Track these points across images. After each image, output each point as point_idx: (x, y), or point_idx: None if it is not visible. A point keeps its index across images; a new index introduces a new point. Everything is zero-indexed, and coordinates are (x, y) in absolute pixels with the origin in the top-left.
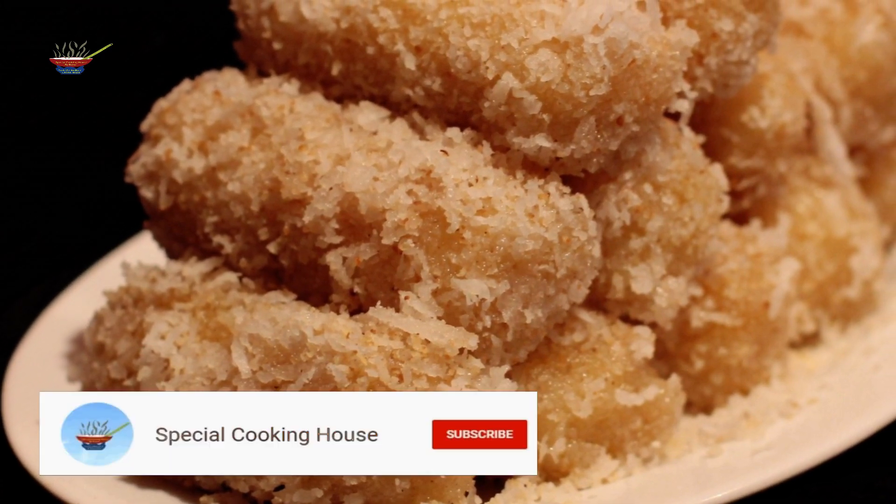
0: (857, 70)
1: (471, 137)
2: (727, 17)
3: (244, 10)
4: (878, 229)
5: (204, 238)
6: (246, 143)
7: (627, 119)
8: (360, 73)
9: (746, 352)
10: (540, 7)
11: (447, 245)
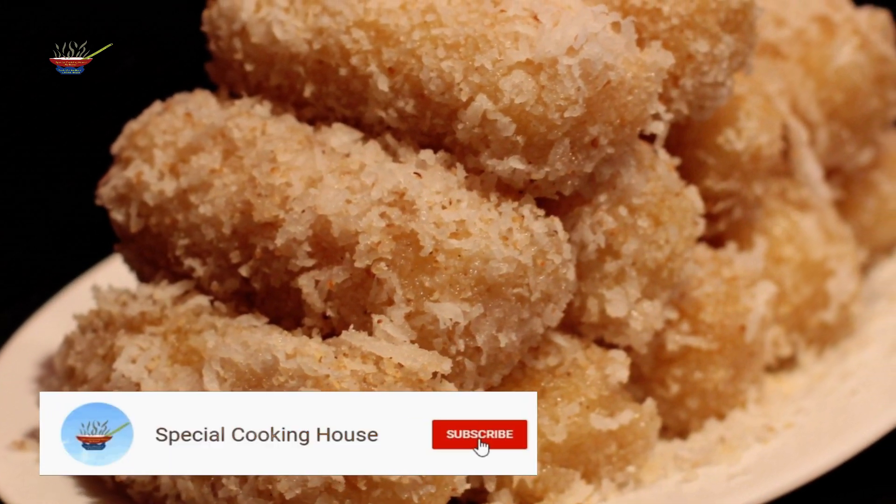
0: (833, 92)
1: (444, 160)
2: (703, 39)
3: (215, 32)
4: (855, 252)
5: (175, 261)
6: (217, 165)
7: (602, 141)
8: (333, 94)
9: (722, 376)
10: (514, 28)
11: (420, 268)
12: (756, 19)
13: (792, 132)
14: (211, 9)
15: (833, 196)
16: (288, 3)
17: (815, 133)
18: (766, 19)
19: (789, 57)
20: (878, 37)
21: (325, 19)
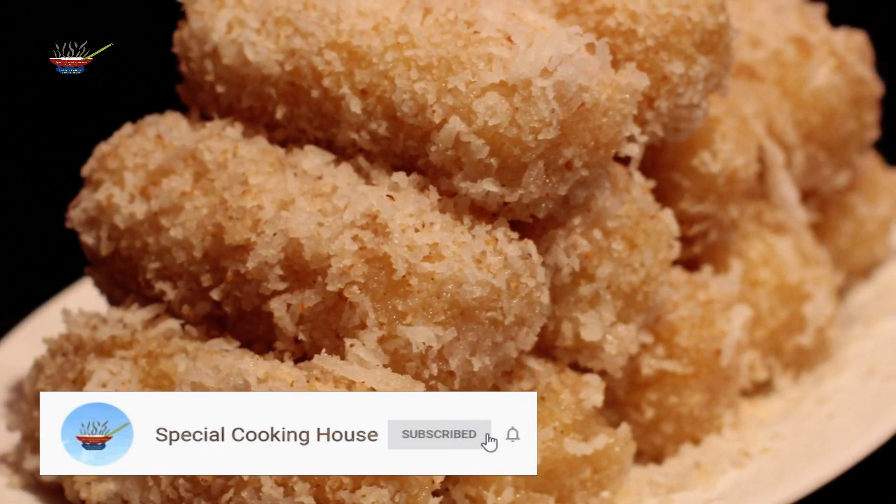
0: (810, 113)
1: (417, 182)
2: (678, 60)
3: (186, 53)
4: (831, 276)
5: (146, 284)
6: (188, 187)
7: (577, 163)
8: (305, 116)
9: (698, 400)
10: (487, 49)
11: (393, 292)
12: (732, 40)
13: (768, 154)
14: (182, 30)
15: (809, 219)
16: (259, 25)
17: (791, 155)
18: (741, 40)
19: (765, 78)
20: (855, 58)
21: (297, 41)
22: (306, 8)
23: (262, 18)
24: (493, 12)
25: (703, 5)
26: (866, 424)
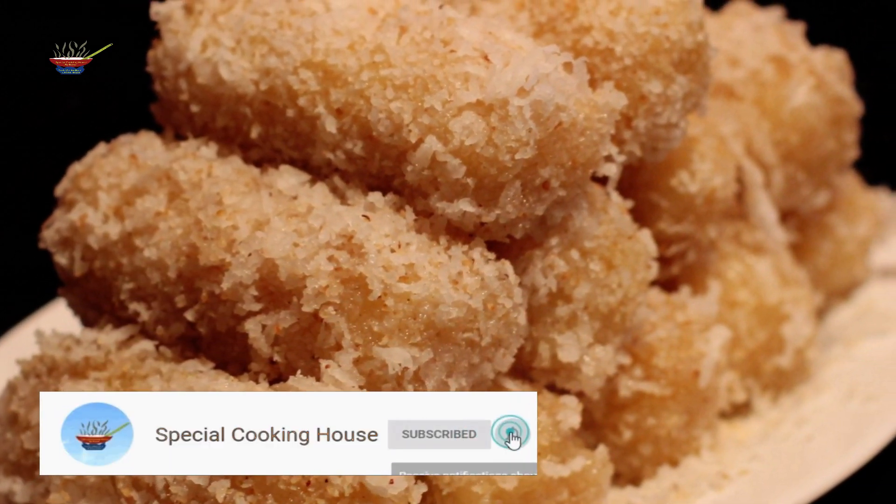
0: (789, 133)
1: (393, 202)
2: (656, 79)
3: (161, 72)
4: (810, 296)
5: (120, 305)
6: (163, 207)
7: (554, 183)
8: (280, 136)
9: (676, 422)
10: (464, 69)
11: (369, 312)
12: (710, 59)
13: (747, 174)
14: (156, 49)
15: (788, 239)
16: (234, 44)
17: (770, 175)
18: (720, 59)
19: (744, 98)
20: (835, 77)
21: (272, 60)
22: (281, 27)
23: (237, 37)
24: (469, 31)
25: (682, 24)
26: (846, 446)
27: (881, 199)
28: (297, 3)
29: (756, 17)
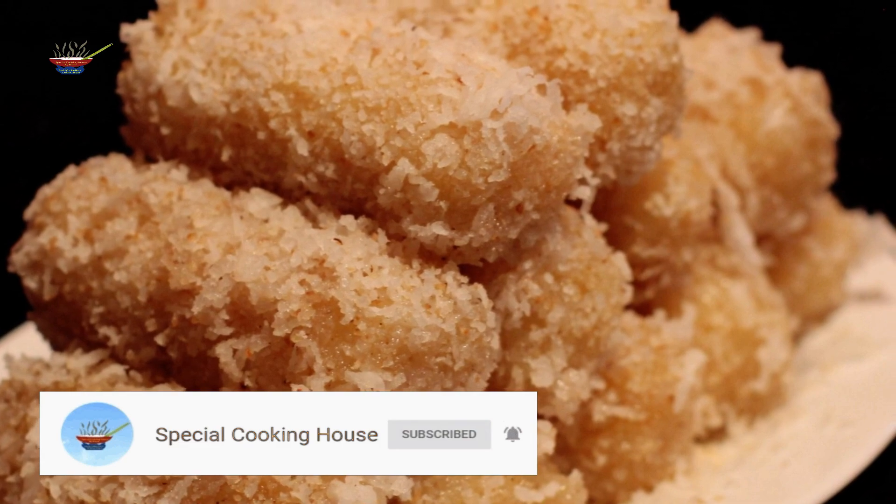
0: (764, 156)
1: (365, 225)
2: (630, 102)
3: (131, 94)
4: (786, 320)
5: (90, 329)
6: (133, 231)
7: (527, 206)
8: (251, 158)
9: (650, 447)
10: (437, 91)
11: (341, 337)
12: (685, 81)
13: (722, 197)
14: (126, 71)
15: (764, 263)
16: (205, 66)
17: (745, 198)
18: (695, 81)
19: (719, 120)
20: (810, 100)
21: (243, 81)
22: (252, 48)
23: (208, 59)
24: (442, 53)
25: (656, 46)
26: (822, 471)
27: (857, 222)
28: (269, 25)
29: (731, 39)
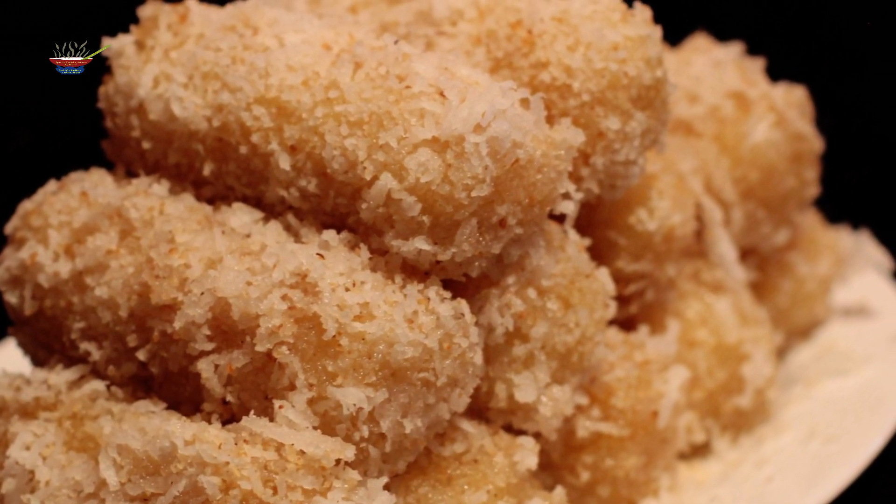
0: (749, 170)
1: (348, 240)
2: (614, 116)
3: (112, 109)
4: (771, 336)
5: (70, 345)
6: (114, 246)
7: (510, 221)
8: (233, 173)
9: (634, 463)
10: (420, 105)
11: (323, 352)
12: (669, 96)
13: (706, 212)
14: (107, 85)
15: (748, 278)
16: (187, 79)
17: (729, 213)
18: (679, 96)
19: (703, 134)
20: (795, 114)
21: (224, 96)
22: (234, 62)
23: (190, 73)
24: (425, 67)
25: (640, 60)
26: (806, 487)
27: (842, 237)
28: (251, 39)
29: (715, 53)
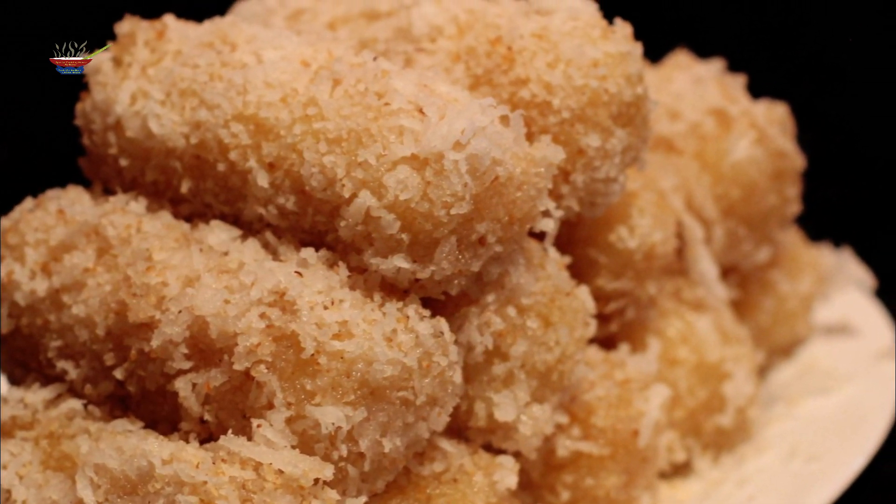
0: (730, 187)
1: (326, 258)
2: (594, 133)
3: (89, 126)
4: (752, 354)
5: (47, 363)
6: (91, 264)
7: (490, 239)
8: (211, 190)
9: (615, 482)
10: (398, 122)
11: (301, 371)
12: (649, 112)
13: (687, 230)
14: (84, 102)
15: (729, 296)
16: (164, 96)
17: (710, 230)
18: (659, 112)
19: (684, 151)
20: (776, 131)
21: (202, 113)
22: (212, 79)
23: (167, 90)
24: (404, 83)
25: (620, 76)
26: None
27: (824, 255)
28: (228, 56)
29: (696, 70)
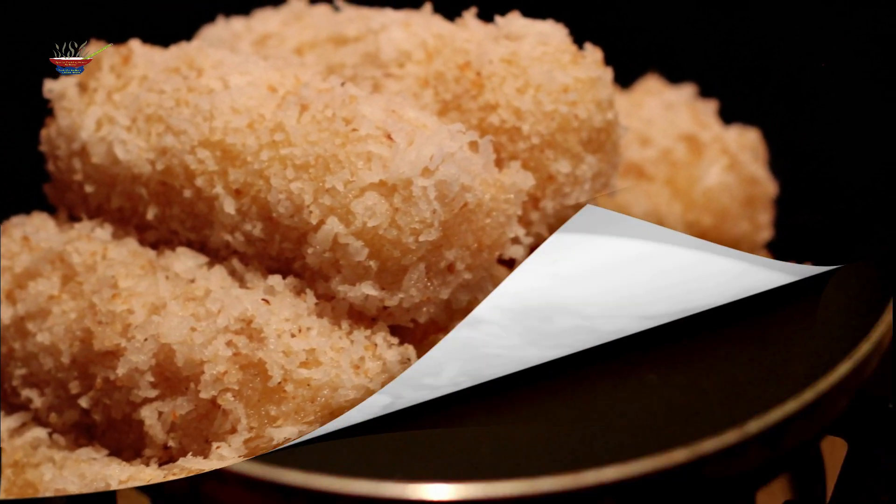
0: (701, 214)
1: (294, 285)
2: (564, 159)
3: (54, 152)
4: None
5: (12, 391)
6: (56, 291)
7: (459, 266)
8: (177, 217)
9: None
10: (367, 148)
11: (268, 398)
12: (620, 138)
13: None
14: (49, 127)
15: None
16: (130, 122)
17: None
18: (630, 138)
19: (655, 178)
20: (748, 157)
21: (168, 138)
22: (178, 105)
23: (133, 115)
24: (372, 109)
25: (591, 102)
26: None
27: None
28: (195, 81)
29: (667, 95)
